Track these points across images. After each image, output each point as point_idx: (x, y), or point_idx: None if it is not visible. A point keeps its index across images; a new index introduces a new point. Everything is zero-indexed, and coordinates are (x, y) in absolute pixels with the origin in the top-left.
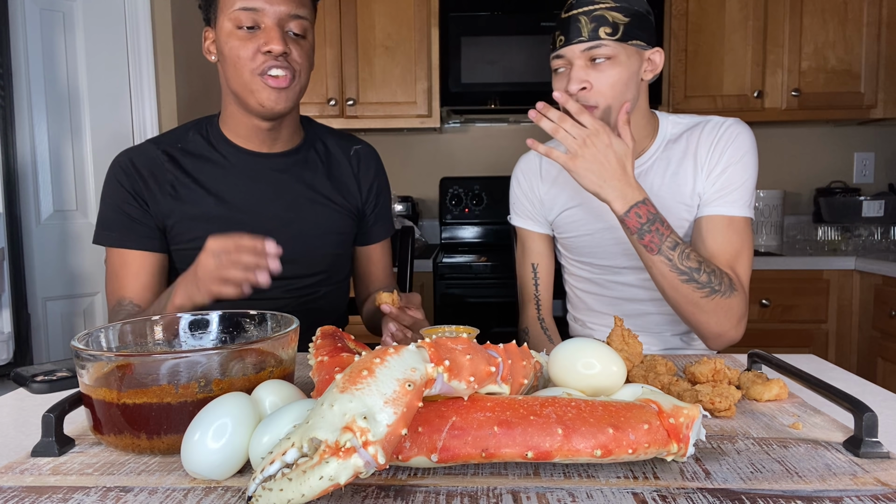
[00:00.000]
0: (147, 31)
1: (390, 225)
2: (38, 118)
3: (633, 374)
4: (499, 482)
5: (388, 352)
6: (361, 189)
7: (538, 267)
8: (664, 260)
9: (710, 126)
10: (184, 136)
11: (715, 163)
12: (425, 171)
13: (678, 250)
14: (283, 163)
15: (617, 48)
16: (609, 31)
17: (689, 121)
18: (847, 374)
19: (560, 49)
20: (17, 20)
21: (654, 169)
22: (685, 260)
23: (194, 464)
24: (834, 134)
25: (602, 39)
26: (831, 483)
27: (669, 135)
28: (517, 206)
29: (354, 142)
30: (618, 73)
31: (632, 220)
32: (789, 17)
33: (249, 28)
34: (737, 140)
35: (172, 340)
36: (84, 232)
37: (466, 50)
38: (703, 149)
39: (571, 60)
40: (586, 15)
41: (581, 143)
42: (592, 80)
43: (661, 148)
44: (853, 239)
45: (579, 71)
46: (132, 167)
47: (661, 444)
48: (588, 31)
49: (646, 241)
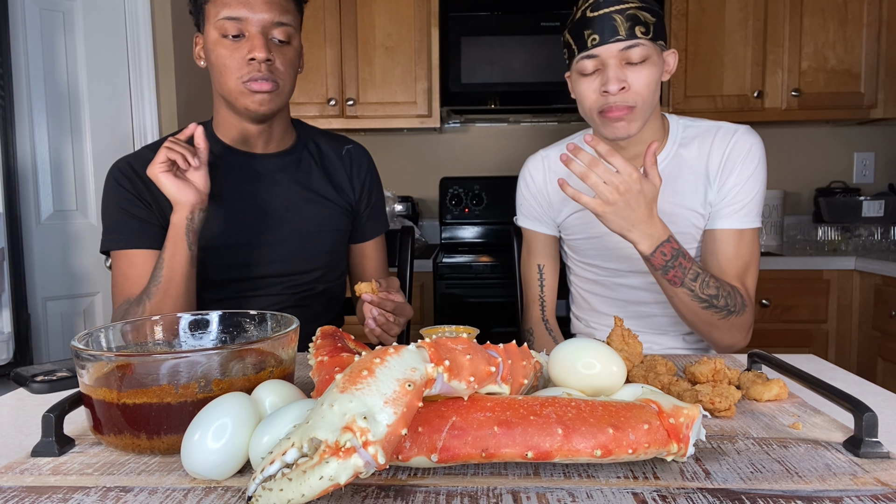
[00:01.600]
0: (147, 31)
1: (384, 222)
2: (38, 118)
3: (633, 374)
4: (499, 482)
5: (388, 352)
6: (354, 187)
7: (544, 268)
8: (686, 291)
9: (722, 135)
10: None
11: (727, 176)
12: (425, 171)
13: (699, 280)
14: (278, 163)
15: (650, 48)
16: (643, 31)
17: (700, 126)
18: (847, 374)
19: (594, 48)
20: (17, 20)
21: (663, 174)
22: (705, 289)
23: (194, 464)
24: (834, 134)
25: (639, 38)
26: (831, 483)
27: (680, 138)
28: (524, 207)
29: (345, 142)
30: (652, 74)
31: (657, 259)
32: (789, 17)
33: (235, 37)
34: (750, 153)
35: (172, 340)
36: (84, 232)
37: (466, 50)
38: (714, 159)
39: (606, 61)
40: (620, 14)
41: (613, 189)
42: (630, 81)
43: (672, 153)
44: (853, 239)
45: (617, 70)
46: (132, 171)
47: (661, 444)
48: (625, 29)
49: (670, 276)
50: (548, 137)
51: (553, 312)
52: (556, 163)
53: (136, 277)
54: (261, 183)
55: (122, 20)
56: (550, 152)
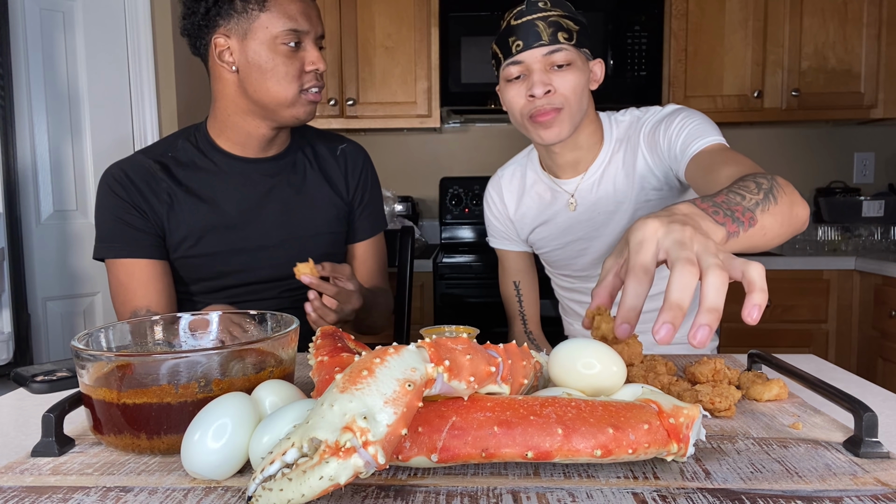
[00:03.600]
0: (147, 31)
1: (378, 222)
2: (38, 118)
3: (633, 374)
4: (499, 482)
5: (388, 352)
6: (349, 186)
7: (520, 284)
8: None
9: (649, 116)
10: (173, 145)
11: (660, 135)
12: (425, 171)
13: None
14: (273, 167)
15: (574, 53)
16: (566, 37)
17: (629, 118)
18: (847, 374)
19: (518, 55)
20: (17, 20)
21: (612, 166)
22: (753, 192)
23: (194, 464)
24: (834, 134)
25: (562, 44)
26: (831, 483)
27: (616, 134)
28: (491, 228)
29: (340, 141)
30: (576, 78)
31: (731, 227)
32: (789, 17)
33: (296, 44)
34: (667, 114)
35: (172, 340)
36: (84, 232)
37: (466, 50)
38: (646, 135)
39: (531, 66)
40: (543, 20)
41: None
42: (555, 84)
43: (611, 150)
44: (853, 239)
45: (541, 74)
46: (126, 178)
47: (661, 444)
48: (548, 34)
49: (745, 228)
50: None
51: (537, 323)
52: (509, 181)
53: (135, 288)
54: (256, 187)
55: (122, 20)
56: (504, 172)
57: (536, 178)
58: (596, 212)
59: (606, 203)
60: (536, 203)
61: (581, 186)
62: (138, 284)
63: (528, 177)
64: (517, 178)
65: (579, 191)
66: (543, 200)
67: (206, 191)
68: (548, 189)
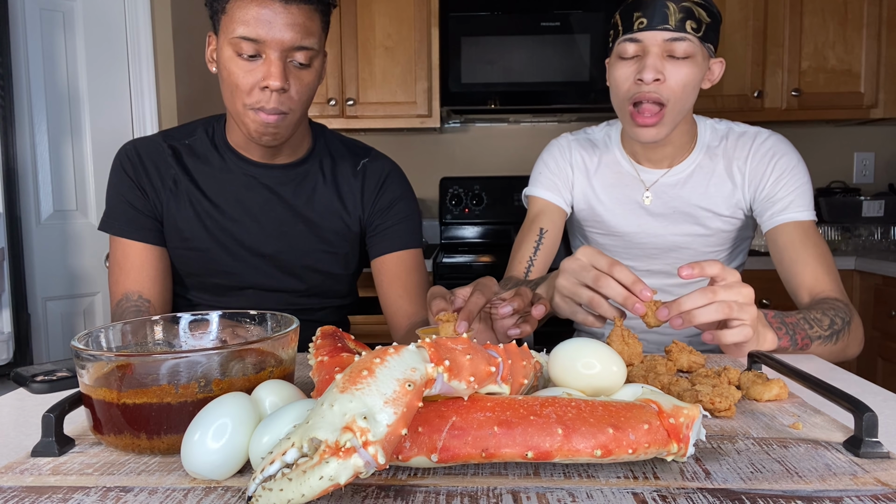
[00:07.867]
0: (147, 31)
1: (403, 237)
2: (38, 118)
3: (633, 374)
4: (499, 482)
5: (388, 352)
6: (365, 204)
7: (546, 233)
8: (818, 343)
9: (744, 141)
10: (192, 133)
11: (758, 182)
12: (425, 171)
13: (813, 325)
14: (282, 175)
15: (696, 46)
16: (694, 27)
17: (724, 127)
18: (847, 374)
19: (639, 32)
20: (17, 20)
21: (695, 177)
22: (822, 326)
23: (194, 464)
24: (834, 134)
25: (687, 33)
26: (831, 483)
27: (708, 140)
28: (544, 176)
29: (364, 155)
30: (692, 73)
31: (783, 342)
32: (789, 17)
33: (251, 57)
34: (774, 156)
35: (172, 340)
36: (84, 232)
37: (466, 50)
38: (737, 166)
39: (648, 48)
40: (675, 3)
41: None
42: (667, 74)
43: (701, 155)
44: (853, 239)
45: (656, 59)
46: (137, 157)
47: (661, 444)
48: (675, 20)
49: (800, 345)
50: (548, 137)
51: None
52: (592, 150)
53: (129, 270)
54: (259, 193)
55: (122, 20)
56: (594, 136)
57: (618, 157)
58: (669, 209)
59: (681, 205)
60: (610, 182)
61: (662, 181)
62: (132, 267)
63: (611, 152)
64: (598, 150)
65: (659, 185)
66: (619, 182)
67: (211, 186)
68: (627, 173)
